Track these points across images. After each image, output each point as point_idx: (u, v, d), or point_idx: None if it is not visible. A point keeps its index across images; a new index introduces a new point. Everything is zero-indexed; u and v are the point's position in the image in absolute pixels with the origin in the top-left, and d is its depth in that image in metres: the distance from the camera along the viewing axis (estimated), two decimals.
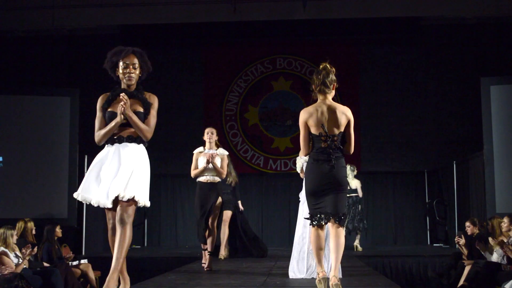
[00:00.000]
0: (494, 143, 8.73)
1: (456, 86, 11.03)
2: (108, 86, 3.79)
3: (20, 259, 6.28)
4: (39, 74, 11.20)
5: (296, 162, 5.43)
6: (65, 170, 9.16)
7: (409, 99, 11.23)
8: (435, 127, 11.07)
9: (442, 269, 7.68)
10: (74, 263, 7.28)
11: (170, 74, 11.47)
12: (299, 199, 5.40)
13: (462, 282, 6.57)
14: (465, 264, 6.80)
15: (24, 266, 6.25)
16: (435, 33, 11.19)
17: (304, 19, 10.81)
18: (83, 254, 8.84)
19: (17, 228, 6.93)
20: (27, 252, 6.29)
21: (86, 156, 8.79)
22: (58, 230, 7.41)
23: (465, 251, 7.12)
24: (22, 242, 6.75)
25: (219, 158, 6.20)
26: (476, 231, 7.19)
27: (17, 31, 11.20)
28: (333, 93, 4.16)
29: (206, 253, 6.19)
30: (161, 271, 6.69)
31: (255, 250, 8.23)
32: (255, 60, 11.65)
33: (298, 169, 5.34)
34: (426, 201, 11.30)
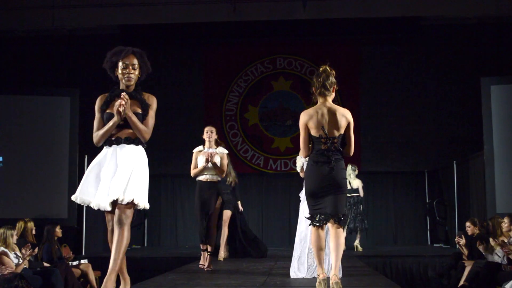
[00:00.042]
0: (495, 143, 8.73)
1: (456, 86, 11.02)
2: (108, 86, 3.76)
3: (20, 259, 6.28)
4: (39, 74, 11.19)
5: (296, 161, 5.44)
6: (65, 170, 9.16)
7: (409, 99, 11.22)
8: (435, 127, 11.07)
9: (442, 269, 7.67)
10: (74, 263, 7.28)
11: (170, 74, 11.45)
12: (300, 198, 5.40)
13: (462, 282, 6.57)
14: (465, 264, 6.80)
15: (24, 266, 6.25)
16: (435, 33, 11.18)
17: (304, 19, 10.80)
18: (83, 254, 8.84)
19: (17, 228, 6.93)
20: (27, 252, 6.29)
21: (86, 156, 8.79)
22: (58, 230, 7.41)
23: (465, 251, 7.12)
24: (22, 242, 6.75)
25: (219, 157, 6.17)
26: (476, 231, 7.18)
27: (17, 31, 11.18)
28: (333, 95, 4.19)
29: (206, 253, 6.19)
30: (161, 271, 6.69)
31: (254, 251, 8.22)
32: (255, 60, 11.64)
33: (298, 168, 5.36)
34: (426, 201, 11.29)
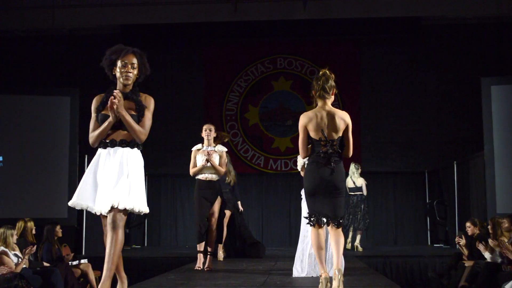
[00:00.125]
0: (495, 143, 8.72)
1: (456, 86, 11.02)
2: (108, 86, 3.73)
3: (19, 259, 6.28)
4: (39, 73, 11.19)
5: (297, 161, 5.46)
6: (65, 170, 9.16)
7: (409, 99, 11.22)
8: (436, 127, 11.06)
9: (443, 269, 7.67)
10: (74, 263, 7.27)
11: (170, 74, 11.45)
12: (301, 197, 5.39)
13: (462, 283, 6.56)
14: (465, 264, 6.79)
15: (24, 266, 6.24)
16: (436, 33, 11.18)
17: (304, 19, 10.80)
18: (83, 254, 8.83)
19: (17, 227, 6.92)
20: (27, 250, 6.29)
21: (86, 156, 8.78)
22: (58, 230, 7.40)
23: (465, 252, 7.11)
24: (22, 242, 6.75)
25: (217, 155, 6.09)
26: (476, 232, 7.17)
27: (17, 31, 11.19)
28: (332, 98, 4.25)
29: (202, 255, 6.11)
30: (161, 271, 6.68)
31: (252, 251, 8.15)
32: (256, 60, 11.64)
33: (299, 167, 5.37)
34: (427, 201, 11.29)
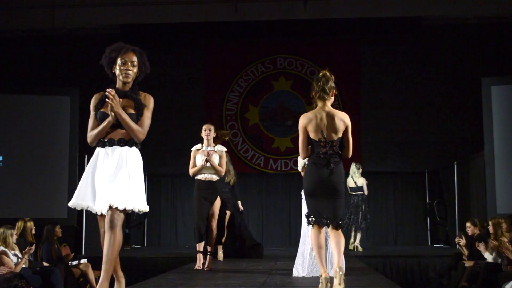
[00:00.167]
0: (495, 144, 8.71)
1: (457, 86, 11.01)
2: (108, 86, 3.70)
3: (19, 259, 6.27)
4: (39, 73, 11.18)
5: (297, 161, 5.47)
6: (65, 169, 9.15)
7: (410, 99, 11.20)
8: (436, 127, 11.05)
9: (443, 269, 7.66)
10: (74, 263, 7.26)
11: (170, 74, 11.45)
12: (301, 197, 5.39)
13: (462, 283, 6.56)
14: (465, 264, 6.79)
15: (23, 266, 6.24)
16: (436, 33, 11.16)
17: (305, 19, 10.78)
18: (83, 253, 8.83)
19: (16, 227, 6.92)
20: (26, 250, 6.28)
21: (86, 155, 8.77)
22: (58, 230, 7.40)
23: (465, 252, 7.11)
24: (22, 242, 6.75)
25: (217, 155, 6.05)
26: (476, 232, 7.17)
27: (17, 31, 11.18)
28: (332, 99, 4.27)
29: (202, 255, 6.08)
30: (161, 271, 6.68)
31: (251, 252, 8.13)
32: (256, 59, 11.62)
33: (299, 168, 5.38)
34: (427, 201, 11.28)
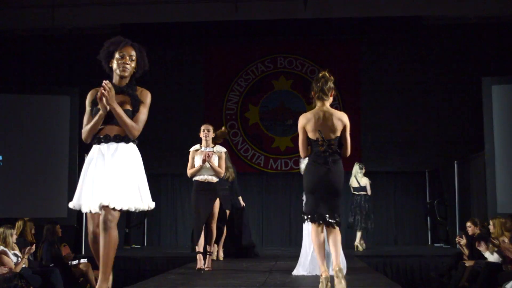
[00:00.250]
0: (496, 143, 8.69)
1: (457, 86, 10.98)
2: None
3: (19, 259, 6.27)
4: (39, 73, 11.17)
5: (299, 163, 5.53)
6: (65, 169, 9.13)
7: (410, 99, 11.18)
8: (436, 127, 11.03)
9: (443, 269, 7.65)
10: (74, 263, 7.26)
11: (170, 73, 11.43)
12: (303, 199, 5.44)
13: (463, 282, 6.55)
14: (466, 264, 6.78)
15: (23, 266, 6.23)
16: (436, 32, 11.14)
17: (305, 18, 10.78)
18: (83, 253, 8.81)
19: (16, 227, 6.92)
20: (26, 250, 6.28)
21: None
22: (58, 230, 7.40)
23: (466, 251, 7.10)
24: (22, 242, 6.74)
25: (216, 156, 5.91)
26: (477, 231, 7.16)
27: (17, 30, 11.17)
28: (331, 99, 4.35)
29: (200, 255, 6.03)
30: (161, 271, 6.67)
31: (249, 251, 8.13)
32: (256, 59, 11.60)
33: (302, 170, 5.42)
34: (427, 201, 11.27)
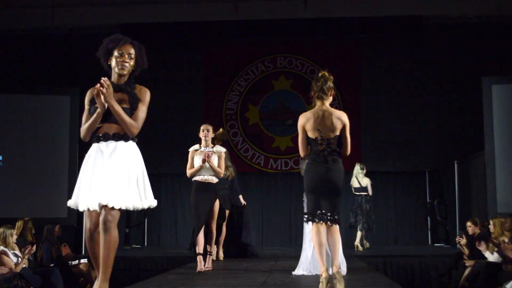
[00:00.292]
0: (496, 143, 8.70)
1: (457, 85, 10.98)
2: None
3: (19, 259, 6.27)
4: (39, 73, 11.16)
5: (300, 163, 5.55)
6: (65, 169, 9.14)
7: (410, 98, 11.18)
8: (436, 127, 11.02)
9: (443, 269, 7.65)
10: (74, 263, 7.26)
11: (170, 73, 11.43)
12: (303, 199, 5.47)
13: (463, 282, 6.55)
14: (466, 264, 6.77)
15: (23, 266, 6.23)
16: (436, 32, 11.13)
17: (305, 18, 10.77)
18: (83, 253, 8.81)
19: (16, 227, 6.92)
20: (26, 250, 6.28)
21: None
22: (58, 230, 7.40)
23: (466, 251, 7.09)
24: (22, 242, 6.74)
25: (216, 156, 5.86)
26: (477, 231, 7.15)
27: (17, 30, 11.17)
28: (330, 99, 4.38)
29: (201, 257, 5.99)
30: (161, 271, 6.67)
31: (248, 251, 8.12)
32: (256, 59, 11.60)
33: (302, 172, 5.42)
34: (427, 200, 11.27)
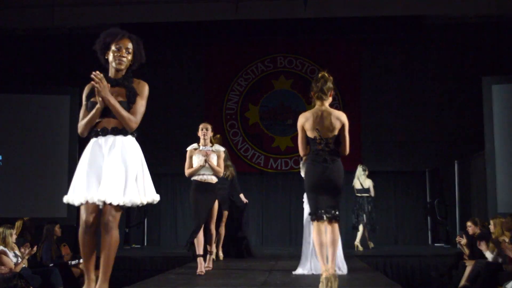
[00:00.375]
0: (496, 143, 8.69)
1: (457, 85, 10.97)
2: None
3: (19, 258, 6.26)
4: (39, 72, 11.16)
5: (300, 163, 5.56)
6: (64, 169, 9.13)
7: (410, 98, 11.16)
8: (437, 126, 11.01)
9: (443, 269, 7.65)
10: (73, 263, 7.25)
11: (170, 73, 11.43)
12: (303, 200, 5.51)
13: (463, 282, 6.54)
14: (466, 264, 6.77)
15: (23, 266, 6.23)
16: (437, 31, 11.12)
17: (305, 18, 10.75)
18: None
19: (16, 227, 6.92)
20: (26, 251, 6.27)
21: None
22: (58, 230, 7.40)
23: (466, 251, 7.09)
24: (21, 241, 6.74)
25: (215, 155, 5.82)
26: (477, 231, 7.14)
27: (17, 30, 11.16)
28: (330, 99, 4.43)
29: (201, 258, 5.86)
30: (161, 271, 6.67)
31: (247, 251, 8.12)
32: (256, 58, 11.59)
33: (302, 173, 5.42)
34: (427, 200, 11.26)
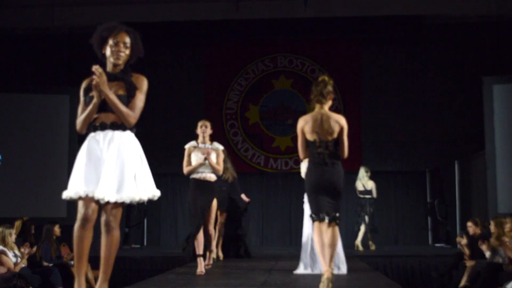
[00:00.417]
0: (496, 143, 8.69)
1: (458, 85, 10.96)
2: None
3: (18, 258, 6.25)
4: (39, 72, 11.16)
5: (300, 165, 5.59)
6: (64, 168, 9.10)
7: (410, 98, 11.16)
8: (437, 126, 11.01)
9: (444, 269, 7.63)
10: (73, 262, 7.23)
11: (170, 73, 11.42)
12: (304, 200, 5.52)
13: (463, 283, 6.53)
14: (466, 264, 6.76)
15: (22, 266, 6.21)
16: (437, 31, 11.12)
17: (305, 17, 10.75)
18: None
19: (15, 227, 6.90)
20: (26, 251, 6.26)
21: None
22: (57, 229, 7.37)
23: (466, 251, 7.07)
24: (21, 241, 6.73)
25: (214, 153, 5.77)
26: (478, 231, 7.13)
27: (16, 29, 11.16)
28: (329, 103, 4.50)
29: (201, 258, 5.80)
30: (161, 271, 6.66)
31: (246, 251, 8.11)
32: (256, 58, 11.58)
33: (302, 174, 5.42)
34: (428, 200, 11.26)
